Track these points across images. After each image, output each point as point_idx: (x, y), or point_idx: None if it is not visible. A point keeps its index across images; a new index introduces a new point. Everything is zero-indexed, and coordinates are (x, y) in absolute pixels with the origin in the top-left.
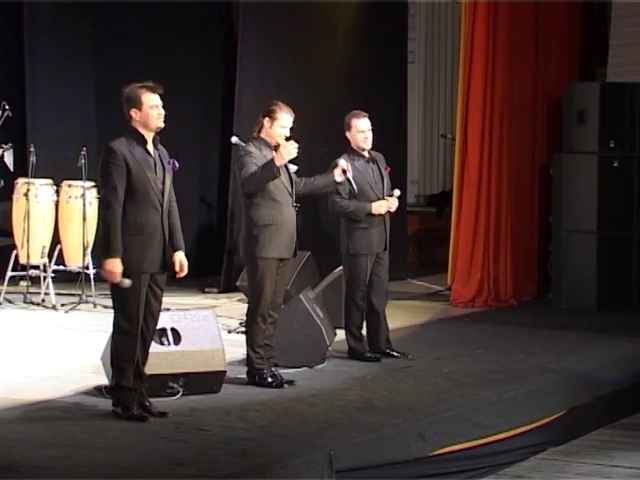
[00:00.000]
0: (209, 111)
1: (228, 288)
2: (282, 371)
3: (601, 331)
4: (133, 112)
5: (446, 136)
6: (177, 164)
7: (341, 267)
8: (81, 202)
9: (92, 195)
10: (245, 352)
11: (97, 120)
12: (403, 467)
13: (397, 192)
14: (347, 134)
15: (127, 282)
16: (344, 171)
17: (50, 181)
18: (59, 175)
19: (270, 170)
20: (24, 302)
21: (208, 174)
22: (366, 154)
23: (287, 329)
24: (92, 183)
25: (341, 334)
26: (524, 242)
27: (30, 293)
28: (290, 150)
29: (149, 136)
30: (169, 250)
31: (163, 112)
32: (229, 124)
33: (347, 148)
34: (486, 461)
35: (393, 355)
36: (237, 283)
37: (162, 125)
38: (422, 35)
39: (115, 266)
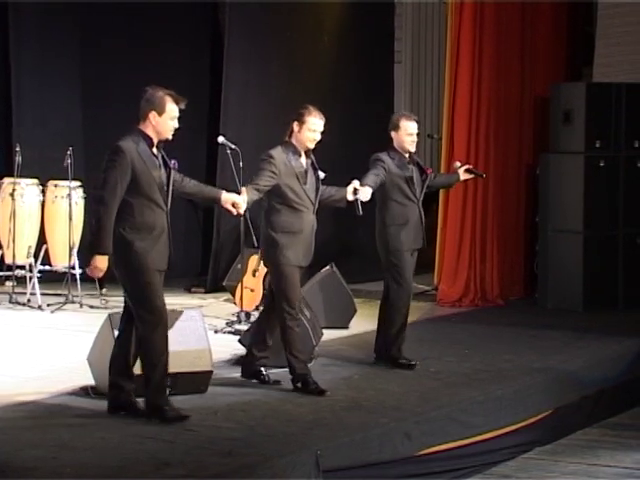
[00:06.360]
0: (196, 110)
1: (215, 288)
2: (269, 371)
3: (587, 331)
4: (152, 115)
5: (433, 136)
6: (177, 164)
7: (328, 267)
8: (67, 202)
9: (78, 195)
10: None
11: (83, 120)
12: (390, 467)
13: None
14: (392, 133)
15: None
16: (355, 190)
17: (36, 181)
18: (45, 175)
19: None
20: (10, 302)
21: (195, 174)
22: (407, 156)
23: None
24: (78, 183)
25: (328, 334)
26: (511, 242)
27: (16, 293)
28: None
29: (156, 141)
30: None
31: (177, 126)
32: (216, 123)
33: (387, 147)
34: (473, 461)
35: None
36: (224, 283)
37: (171, 138)
38: (409, 35)
39: (103, 263)
